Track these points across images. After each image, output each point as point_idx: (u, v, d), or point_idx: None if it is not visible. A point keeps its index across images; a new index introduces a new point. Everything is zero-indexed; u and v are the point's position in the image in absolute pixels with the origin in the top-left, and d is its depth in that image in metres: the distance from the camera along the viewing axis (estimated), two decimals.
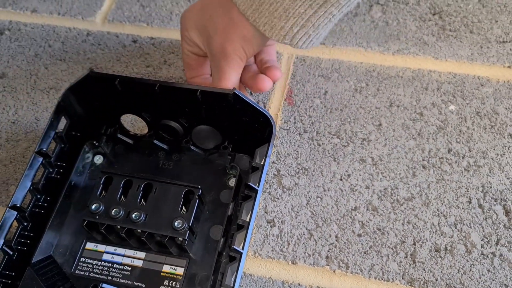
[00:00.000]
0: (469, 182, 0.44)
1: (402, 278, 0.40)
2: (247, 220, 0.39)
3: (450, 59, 0.51)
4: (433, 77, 0.50)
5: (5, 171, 0.48)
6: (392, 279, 0.40)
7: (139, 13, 0.59)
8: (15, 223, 0.40)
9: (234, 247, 0.38)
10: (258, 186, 0.40)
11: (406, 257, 0.41)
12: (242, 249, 0.38)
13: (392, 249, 0.41)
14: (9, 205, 0.40)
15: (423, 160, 0.45)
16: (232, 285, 0.36)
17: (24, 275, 0.39)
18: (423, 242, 0.41)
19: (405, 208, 0.43)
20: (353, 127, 0.48)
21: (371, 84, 0.50)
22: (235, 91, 0.40)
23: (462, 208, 0.43)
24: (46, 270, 0.41)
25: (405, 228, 0.42)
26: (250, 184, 0.40)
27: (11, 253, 0.40)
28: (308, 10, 0.38)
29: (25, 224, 0.41)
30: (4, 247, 0.39)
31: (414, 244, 0.41)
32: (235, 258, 0.38)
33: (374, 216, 0.43)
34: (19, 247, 0.40)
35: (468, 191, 0.43)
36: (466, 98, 0.49)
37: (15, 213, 0.40)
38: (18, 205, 0.40)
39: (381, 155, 0.46)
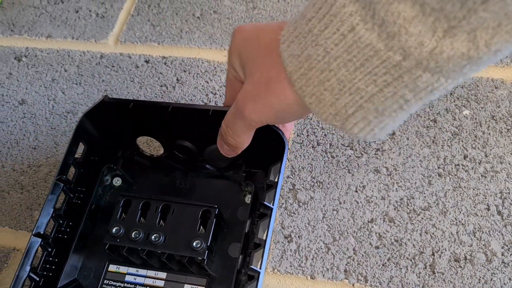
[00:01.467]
0: (486, 189, 0.43)
1: None
2: (264, 238, 0.39)
3: None
4: None
5: (29, 196, 0.49)
6: None
7: (150, 32, 0.60)
8: (40, 250, 0.42)
9: (252, 266, 0.38)
10: (273, 204, 0.40)
11: (425, 268, 0.41)
12: (260, 268, 0.38)
13: (410, 260, 0.41)
14: (33, 232, 0.41)
15: (439, 168, 0.45)
16: None
17: None
18: (442, 252, 0.41)
19: (422, 218, 0.43)
20: None
21: None
22: None
23: (481, 216, 0.42)
24: None
25: (423, 239, 0.42)
26: (265, 203, 0.40)
27: (38, 279, 0.41)
28: (371, 87, 0.27)
29: (49, 250, 0.42)
30: (30, 273, 0.40)
31: (433, 254, 0.41)
32: (253, 277, 0.38)
33: (391, 227, 0.43)
34: (45, 273, 0.42)
35: (486, 198, 0.43)
36: (480, 102, 0.48)
37: (39, 240, 0.41)
38: (42, 232, 0.41)
39: (396, 164, 0.46)
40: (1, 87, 0.58)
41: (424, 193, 0.44)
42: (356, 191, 0.45)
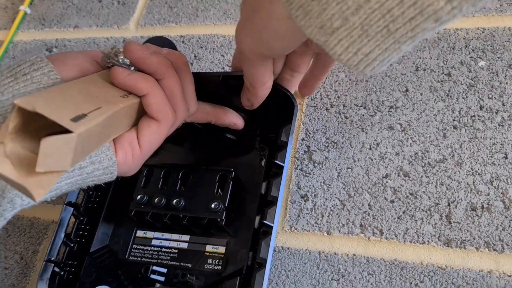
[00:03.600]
0: (504, 137, 0.43)
1: (438, 240, 0.40)
2: (276, 196, 0.41)
3: (477, 14, 0.50)
4: (460, 35, 0.49)
5: None
6: (428, 241, 0.40)
7: (167, 14, 0.62)
8: (72, 219, 0.45)
9: (266, 222, 0.40)
10: (284, 162, 0.41)
11: (441, 218, 0.41)
12: (273, 223, 0.40)
13: (426, 212, 0.41)
14: (65, 202, 0.44)
15: (454, 120, 0.44)
16: (265, 257, 0.38)
17: (85, 263, 0.44)
18: (458, 203, 0.41)
19: (437, 171, 0.43)
20: (379, 96, 0.48)
21: None
22: None
23: (498, 165, 0.42)
24: (104, 258, 0.45)
25: (439, 190, 0.42)
26: (277, 161, 0.42)
27: (72, 245, 0.44)
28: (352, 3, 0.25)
29: (81, 218, 0.46)
30: (65, 239, 0.44)
31: (449, 205, 0.41)
32: (267, 232, 0.40)
33: (405, 181, 0.43)
34: (78, 239, 0.45)
35: (503, 147, 0.42)
36: (496, 52, 0.47)
37: (71, 209, 0.45)
38: (73, 202, 0.45)
39: (410, 120, 0.46)
40: None
41: (439, 146, 0.44)
42: (370, 149, 0.45)
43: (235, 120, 0.44)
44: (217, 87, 0.43)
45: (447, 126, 0.44)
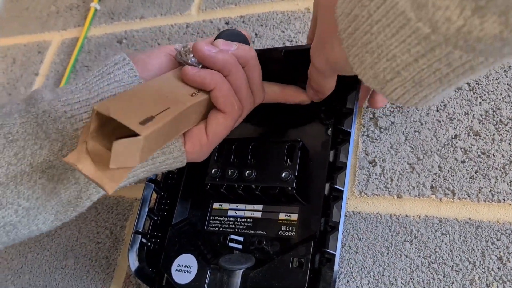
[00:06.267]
0: None
1: None
2: (345, 161, 0.42)
3: None
4: None
5: None
6: (504, 199, 0.39)
7: None
8: (154, 195, 0.49)
9: (336, 186, 0.41)
10: (351, 129, 0.42)
11: None
12: (343, 187, 0.41)
13: (500, 170, 0.41)
14: (147, 180, 0.48)
15: None
16: (338, 221, 0.40)
17: (168, 234, 0.47)
18: None
19: (511, 128, 0.42)
20: None
21: None
22: None
23: None
24: (185, 229, 0.48)
25: None
26: (343, 128, 0.43)
27: (155, 218, 0.48)
28: (406, 56, 0.27)
29: (162, 194, 0.49)
30: (149, 213, 0.47)
31: None
32: (338, 197, 0.41)
33: (476, 140, 0.42)
34: (160, 213, 0.49)
35: None
36: None
37: (152, 185, 0.48)
38: (153, 178, 0.48)
39: (478, 79, 0.45)
40: None
41: None
42: (437, 111, 0.45)
43: (303, 97, 0.46)
44: (280, 62, 0.45)
45: None
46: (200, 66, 0.38)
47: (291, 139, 0.46)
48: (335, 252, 0.40)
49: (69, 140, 0.34)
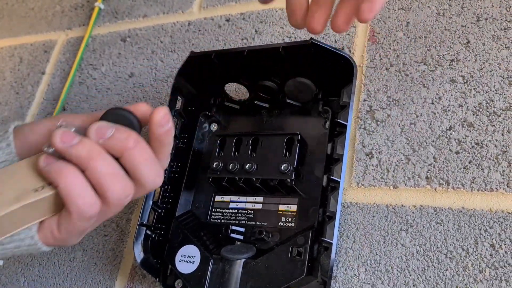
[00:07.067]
0: None
1: (507, 186, 0.40)
2: (341, 153, 0.43)
3: None
4: None
5: None
6: (496, 188, 0.41)
7: None
8: (158, 188, 0.50)
9: (333, 177, 0.42)
10: (347, 121, 0.43)
11: (509, 165, 0.41)
12: (340, 178, 0.42)
13: (493, 160, 0.42)
14: None
15: None
16: (335, 211, 0.41)
17: (172, 226, 0.49)
18: None
19: (504, 119, 0.43)
20: (439, 50, 0.48)
21: (454, 4, 0.49)
22: (312, 41, 0.44)
23: None
24: (188, 221, 0.50)
25: (505, 138, 0.42)
26: (340, 121, 0.44)
27: (159, 210, 0.50)
28: None
29: (165, 187, 0.51)
30: (153, 206, 0.49)
31: None
32: (335, 187, 0.42)
33: (470, 131, 0.43)
34: (164, 206, 0.50)
35: None
36: None
37: None
38: None
39: (472, 71, 0.46)
40: (114, 66, 0.68)
41: (505, 95, 0.43)
42: (433, 103, 0.46)
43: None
44: (279, 57, 0.46)
45: None
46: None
47: (290, 133, 0.48)
48: (332, 241, 0.41)
49: None
